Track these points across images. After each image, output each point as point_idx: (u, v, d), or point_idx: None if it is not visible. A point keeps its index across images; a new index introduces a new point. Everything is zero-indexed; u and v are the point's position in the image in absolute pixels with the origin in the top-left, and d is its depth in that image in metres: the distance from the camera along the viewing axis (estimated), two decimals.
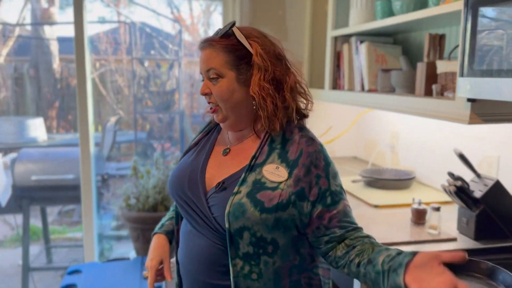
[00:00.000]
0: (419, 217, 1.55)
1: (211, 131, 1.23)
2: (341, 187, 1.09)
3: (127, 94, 5.68)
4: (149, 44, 5.07)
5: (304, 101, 1.17)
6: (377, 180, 2.04)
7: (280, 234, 1.03)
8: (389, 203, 1.85)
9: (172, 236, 1.26)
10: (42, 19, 5.88)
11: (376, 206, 1.82)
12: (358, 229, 1.06)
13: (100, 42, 6.54)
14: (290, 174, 1.03)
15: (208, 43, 1.08)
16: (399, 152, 2.36)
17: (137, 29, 6.00)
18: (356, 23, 2.08)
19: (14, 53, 6.23)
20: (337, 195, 1.06)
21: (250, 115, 1.11)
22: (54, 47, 5.94)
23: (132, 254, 2.65)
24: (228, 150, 1.14)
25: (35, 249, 3.57)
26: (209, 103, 1.11)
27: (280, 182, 1.02)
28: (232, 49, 1.07)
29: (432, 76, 1.55)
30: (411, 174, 2.10)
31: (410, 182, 2.06)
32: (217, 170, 1.11)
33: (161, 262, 1.21)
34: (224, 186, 1.06)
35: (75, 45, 2.54)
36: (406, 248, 1.34)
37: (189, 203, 1.10)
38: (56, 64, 6.08)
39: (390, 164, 2.41)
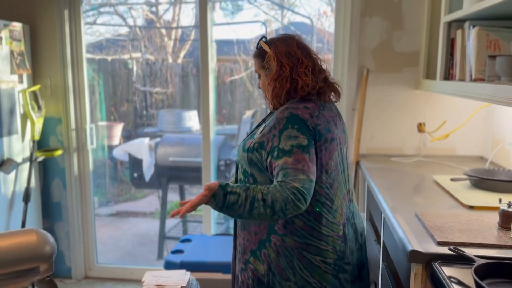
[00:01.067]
0: (504, 220, 1.35)
1: None
2: (292, 149, 1.31)
3: None
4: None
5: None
6: (482, 181, 1.82)
7: (256, 172, 1.41)
8: (487, 205, 1.64)
9: None
10: None
11: (471, 207, 1.64)
12: (285, 182, 1.27)
13: (250, 43, 7.05)
14: (262, 130, 1.40)
15: (253, 53, 1.53)
16: None
17: (280, 30, 6.28)
18: (470, 5, 1.88)
19: (188, 55, 7.14)
20: (283, 152, 1.31)
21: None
22: (213, 48, 6.63)
23: None
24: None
25: (175, 221, 4.13)
26: None
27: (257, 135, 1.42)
28: (261, 56, 1.48)
29: None
30: None
31: None
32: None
33: None
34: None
35: (200, 46, 2.87)
36: (479, 251, 1.22)
37: None
38: (213, 64, 6.79)
39: None
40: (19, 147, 2.78)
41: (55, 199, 3.06)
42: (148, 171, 3.64)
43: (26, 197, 2.78)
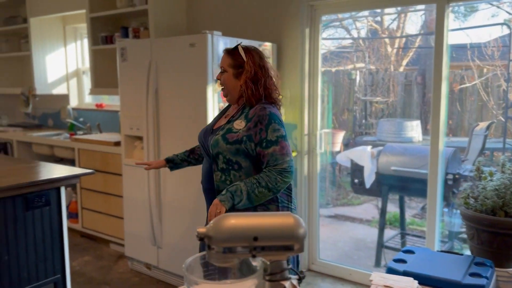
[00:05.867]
0: None
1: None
2: (277, 139, 1.77)
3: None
4: None
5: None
6: None
7: (241, 158, 1.81)
8: None
9: (172, 163, 2.18)
10: (429, 29, 6.34)
11: None
12: (275, 166, 1.76)
13: (486, 47, 6.38)
14: (245, 125, 1.80)
15: (225, 51, 1.91)
16: None
17: None
18: None
19: (412, 62, 6.99)
20: (270, 142, 1.77)
21: (237, 95, 1.90)
22: (447, 55, 6.25)
23: (467, 251, 2.65)
24: (227, 115, 1.97)
25: (392, 232, 4.09)
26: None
27: (240, 129, 1.80)
28: (233, 56, 1.88)
29: None
30: None
31: None
32: (218, 125, 1.95)
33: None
34: (214, 131, 1.90)
35: (434, 53, 2.79)
36: None
37: (204, 143, 1.94)
38: (447, 71, 6.39)
39: None
40: None
41: None
42: (369, 178, 3.72)
43: None
